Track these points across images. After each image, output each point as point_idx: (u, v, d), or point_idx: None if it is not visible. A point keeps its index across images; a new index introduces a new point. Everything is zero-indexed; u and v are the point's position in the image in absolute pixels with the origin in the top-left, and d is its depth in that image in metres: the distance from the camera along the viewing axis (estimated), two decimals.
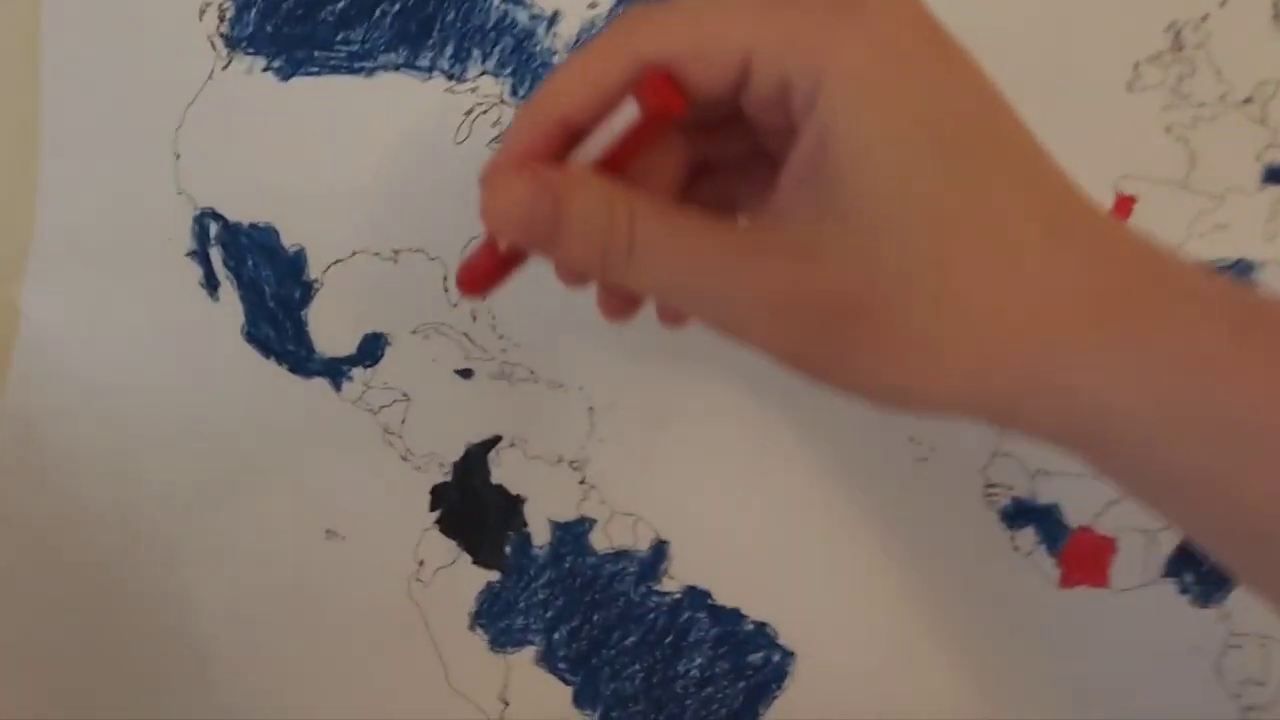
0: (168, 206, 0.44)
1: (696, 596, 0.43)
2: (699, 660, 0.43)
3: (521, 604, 0.44)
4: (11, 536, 0.45)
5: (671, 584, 0.43)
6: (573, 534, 0.43)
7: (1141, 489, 0.24)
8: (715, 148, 0.28)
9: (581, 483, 0.43)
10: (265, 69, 0.44)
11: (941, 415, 0.24)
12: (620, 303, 0.31)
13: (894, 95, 0.22)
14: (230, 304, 0.44)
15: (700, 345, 0.40)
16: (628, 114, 0.24)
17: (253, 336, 0.44)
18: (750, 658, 0.43)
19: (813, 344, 0.24)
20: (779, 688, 0.43)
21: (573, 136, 0.26)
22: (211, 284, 0.44)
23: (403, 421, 0.44)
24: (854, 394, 0.25)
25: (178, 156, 0.44)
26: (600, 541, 0.43)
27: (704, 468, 0.43)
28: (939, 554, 0.42)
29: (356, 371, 0.44)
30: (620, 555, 0.43)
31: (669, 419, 0.43)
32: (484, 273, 0.30)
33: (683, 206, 0.25)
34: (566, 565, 0.44)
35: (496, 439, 0.44)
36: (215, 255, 0.44)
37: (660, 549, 0.43)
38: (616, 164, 0.25)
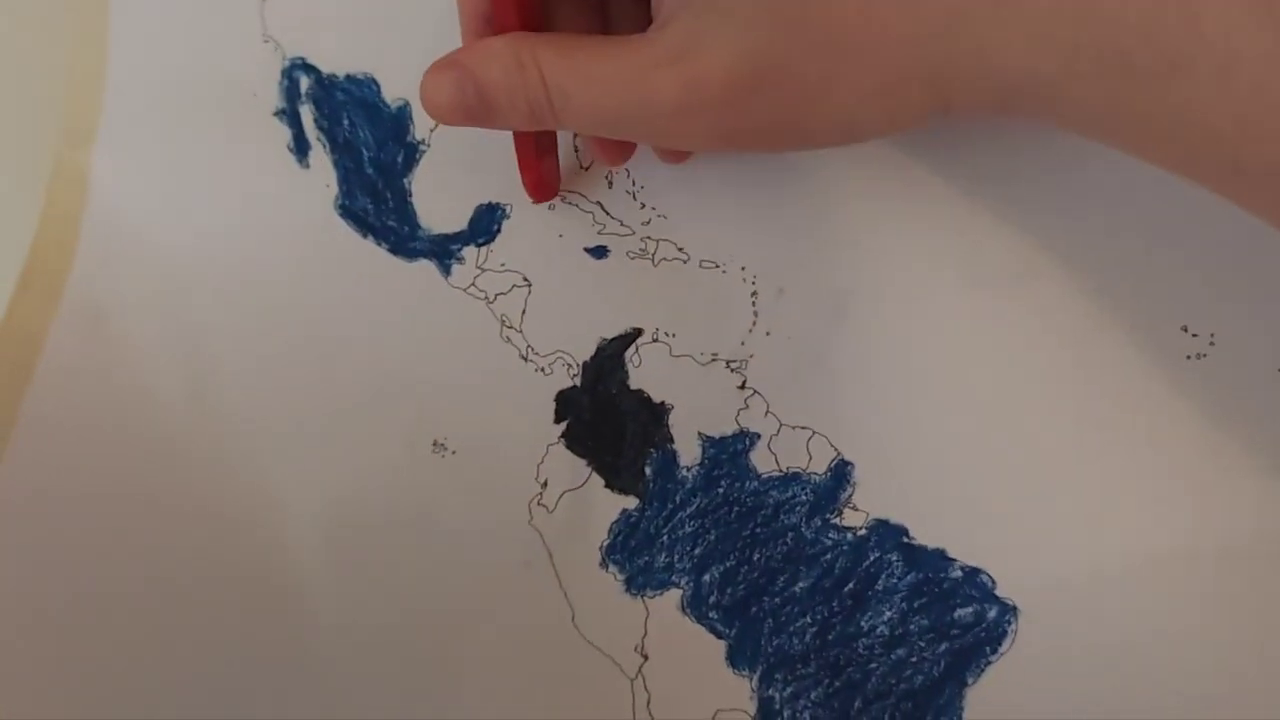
0: (253, 57, 0.37)
1: (888, 533, 0.34)
2: (888, 614, 0.34)
3: (665, 538, 0.35)
4: (77, 444, 0.38)
5: (855, 517, 0.34)
6: (730, 452, 0.35)
7: (1103, 132, 0.25)
8: None
9: (742, 387, 0.35)
10: None
11: (892, 130, 0.26)
12: (598, 146, 0.34)
13: None
14: (322, 171, 0.37)
15: (889, 210, 0.31)
16: None
17: (347, 209, 0.37)
18: (957, 613, 0.33)
19: (734, 125, 0.26)
20: (994, 652, 0.33)
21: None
22: (301, 148, 0.37)
23: (523, 312, 0.36)
24: (811, 146, 0.30)
25: None
26: (764, 462, 0.34)
27: (899, 368, 0.33)
28: (1219, 486, 0.31)
29: (468, 251, 0.36)
30: (790, 479, 0.34)
31: (852, 306, 0.33)
32: (535, 170, 0.34)
33: (588, 40, 0.27)
34: (721, 491, 0.35)
35: (637, 333, 0.35)
36: (306, 114, 0.37)
37: (842, 472, 0.34)
38: (530, 21, 0.28)
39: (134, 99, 0.39)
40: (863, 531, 0.34)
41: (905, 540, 0.34)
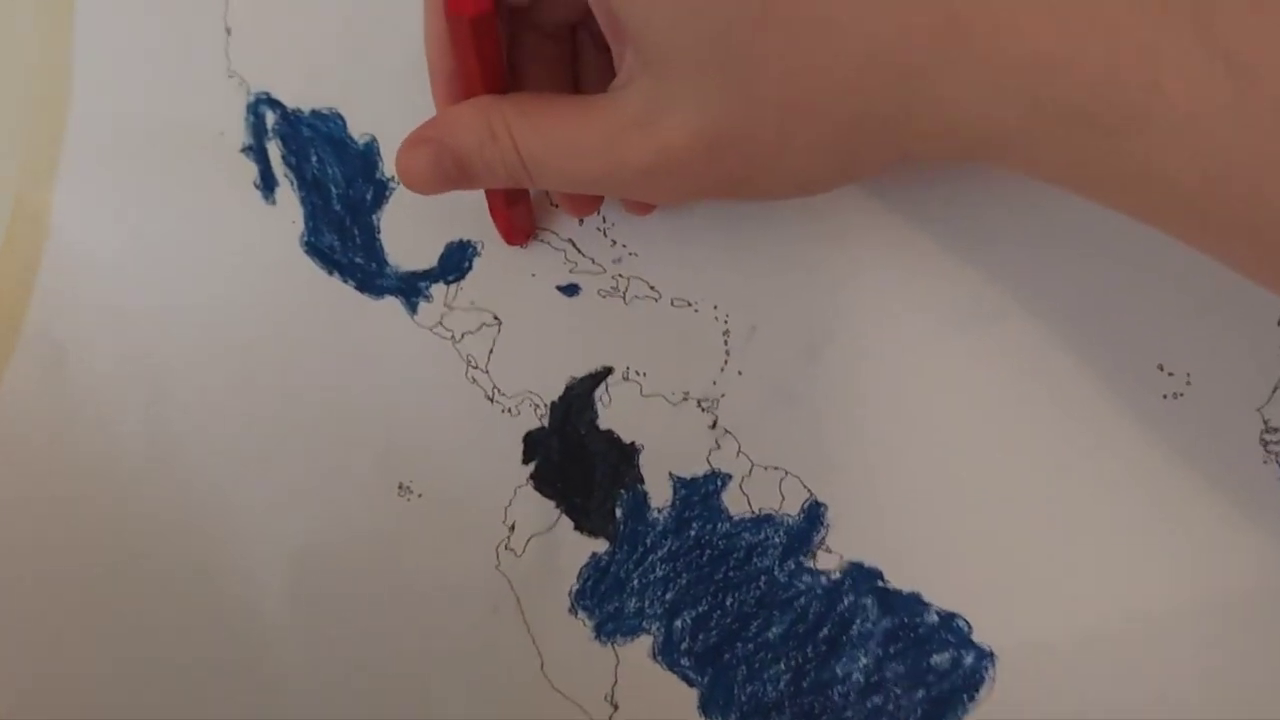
0: (218, 92, 0.37)
1: (862, 577, 0.33)
2: (864, 660, 0.33)
3: (635, 582, 0.35)
4: (33, 485, 0.37)
5: (829, 560, 0.33)
6: (701, 493, 0.34)
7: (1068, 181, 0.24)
8: (586, 34, 0.31)
9: (713, 427, 0.34)
10: None
11: (846, 181, 0.28)
12: (566, 199, 0.34)
13: None
14: (288, 208, 0.36)
15: (862, 248, 0.31)
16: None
17: (314, 246, 0.36)
18: (934, 659, 0.33)
19: (698, 184, 0.27)
20: (971, 699, 0.32)
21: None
22: (268, 184, 0.36)
23: (491, 351, 0.35)
24: (770, 199, 0.32)
25: (229, 31, 0.36)
26: (737, 503, 0.34)
27: (872, 408, 0.33)
28: (1196, 524, 0.31)
29: (436, 289, 0.36)
30: (762, 521, 0.34)
31: (825, 345, 0.33)
32: (506, 217, 0.34)
33: (555, 103, 0.27)
34: (693, 533, 0.34)
35: (606, 371, 0.35)
36: (273, 150, 0.36)
37: (815, 514, 0.33)
38: (495, 78, 0.28)
39: (96, 136, 0.38)
40: (837, 575, 0.34)
41: (880, 584, 0.33)
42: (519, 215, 0.34)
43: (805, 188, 0.28)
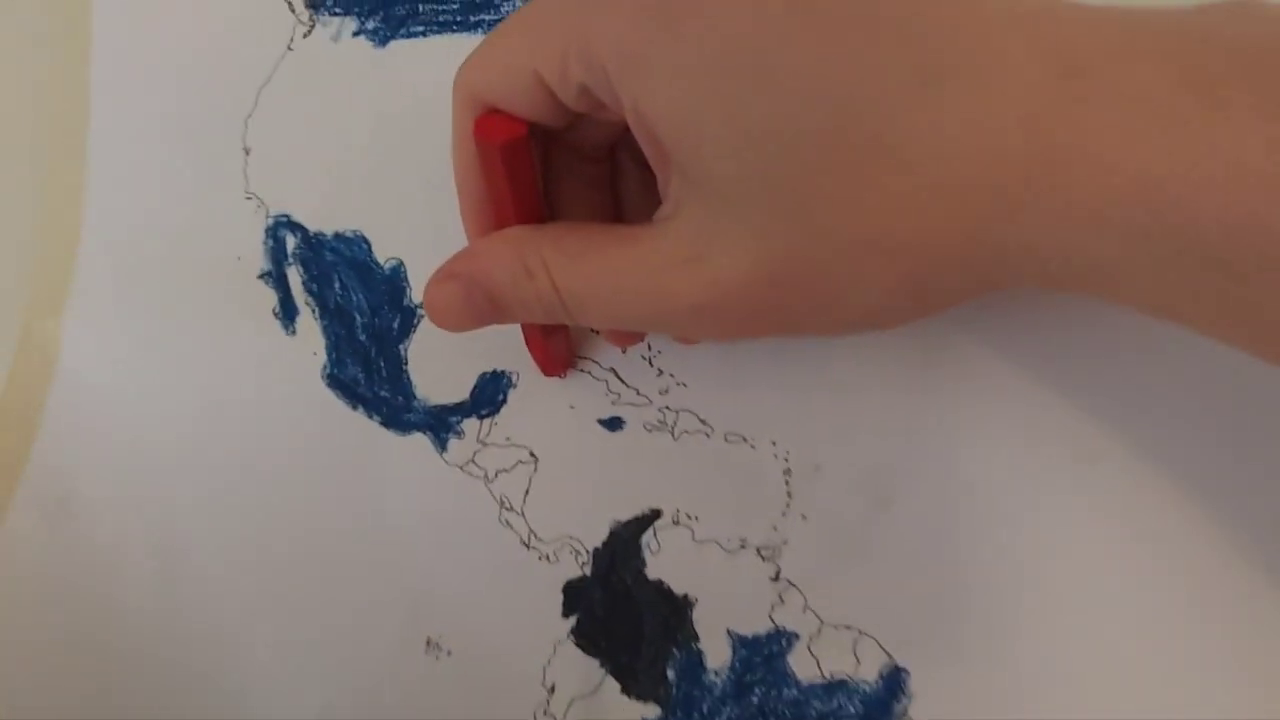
0: (235, 215, 0.34)
1: None
2: None
3: None
4: (30, 649, 0.34)
5: None
6: (764, 654, 0.30)
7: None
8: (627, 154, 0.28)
9: (775, 579, 0.30)
10: (357, 32, 0.34)
11: (923, 317, 0.24)
12: (610, 332, 0.32)
13: (663, 48, 0.22)
14: (310, 338, 0.34)
15: (940, 377, 0.27)
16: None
17: (337, 379, 0.33)
18: None
19: (752, 322, 0.24)
20: None
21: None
22: (288, 313, 0.34)
23: (527, 492, 0.32)
24: (833, 336, 0.29)
25: (247, 152, 0.34)
26: (805, 667, 0.30)
27: (955, 559, 0.29)
28: None
29: (468, 424, 0.33)
30: (835, 688, 0.30)
31: (898, 487, 0.29)
32: (543, 349, 0.31)
33: (595, 236, 0.25)
34: (755, 700, 0.30)
35: (655, 515, 0.31)
36: (293, 276, 0.34)
37: (896, 681, 0.29)
38: (530, 206, 0.26)
39: (108, 262, 0.36)
40: None
41: None
42: (557, 345, 0.31)
43: (874, 324, 0.25)
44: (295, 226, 0.35)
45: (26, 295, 0.36)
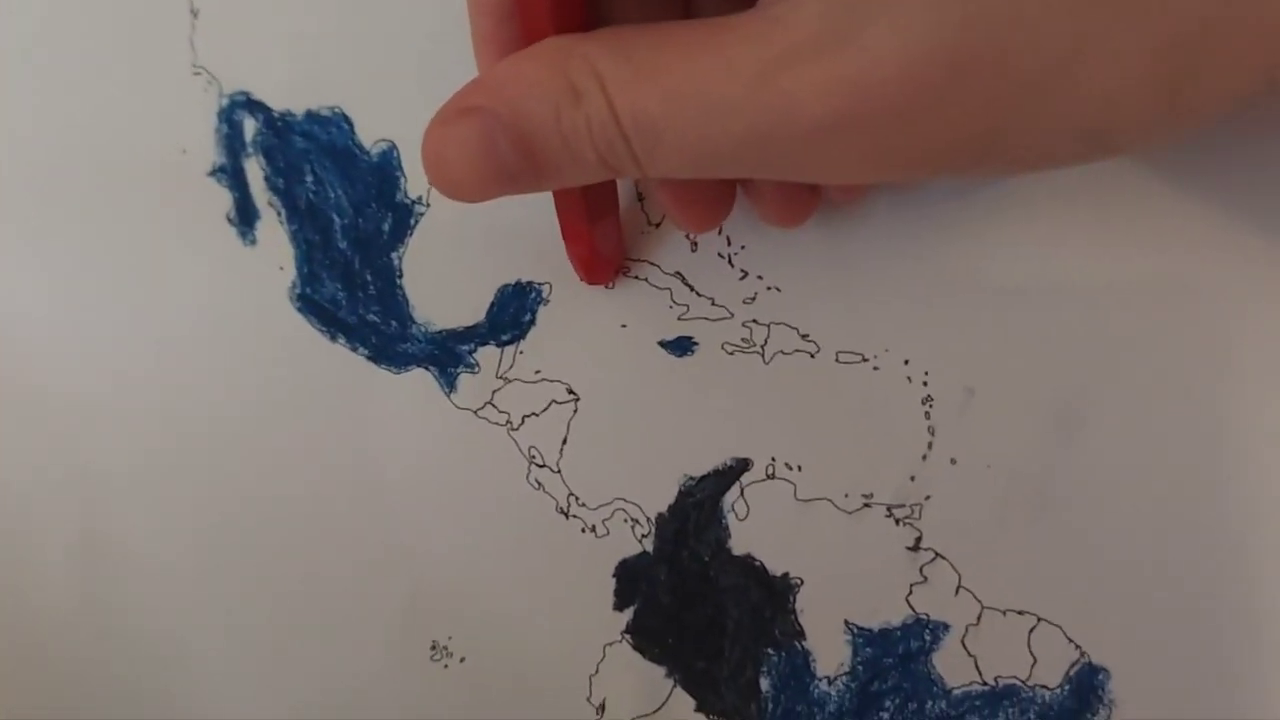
0: (178, 96, 0.26)
1: None
2: None
3: None
4: None
5: None
6: (899, 653, 0.22)
7: None
8: None
9: (915, 548, 0.22)
10: None
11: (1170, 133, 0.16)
12: (681, 207, 0.22)
13: None
14: (274, 248, 0.26)
15: (1137, 265, 0.19)
16: None
17: (310, 301, 0.25)
18: None
19: (910, 145, 0.17)
20: None
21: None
22: (246, 217, 0.26)
23: (564, 442, 0.24)
24: (1030, 168, 0.19)
25: (195, 14, 0.26)
26: (958, 669, 0.21)
27: (1169, 513, 0.20)
28: None
29: (485, 354, 0.24)
30: (1001, 696, 0.21)
31: (1085, 412, 0.21)
32: (588, 240, 0.23)
33: (664, 34, 0.17)
34: (885, 715, 0.22)
35: (741, 467, 0.23)
36: (253, 170, 0.26)
37: (1089, 684, 0.21)
38: (569, 11, 0.18)
39: (15, 167, 0.27)
40: None
41: None
42: (604, 236, 0.23)
43: (1099, 142, 0.17)
44: (256, 106, 0.26)
45: None
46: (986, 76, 0.16)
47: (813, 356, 0.23)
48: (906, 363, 0.23)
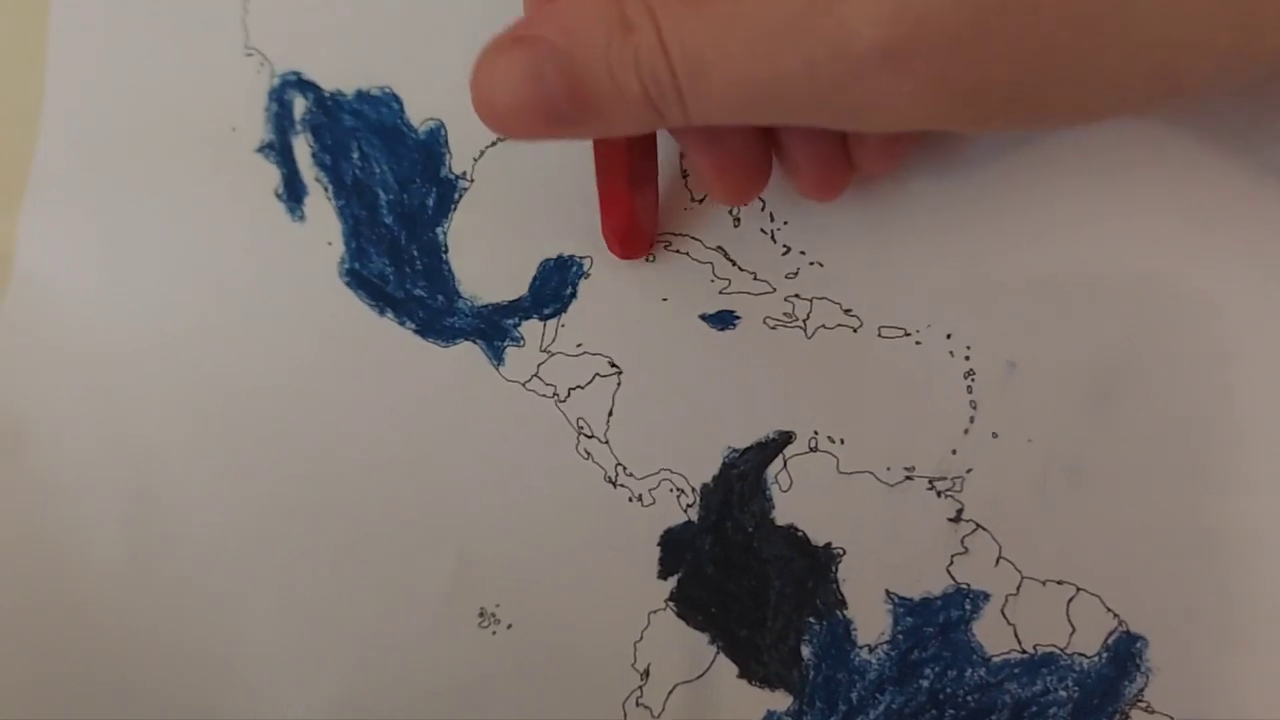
0: (231, 75, 0.27)
1: None
2: None
3: None
4: None
5: None
6: (939, 622, 0.22)
7: None
8: None
9: (956, 519, 0.22)
10: None
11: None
12: (719, 172, 0.21)
13: None
14: (322, 224, 0.26)
15: (1185, 224, 0.19)
16: None
17: (358, 276, 0.26)
18: None
19: (970, 82, 0.16)
20: None
21: None
22: (294, 193, 0.26)
23: (610, 414, 0.24)
24: (1083, 117, 0.18)
25: None
26: (997, 638, 0.22)
27: (1209, 485, 0.21)
28: None
29: (529, 328, 0.25)
30: (1039, 665, 0.22)
31: (1123, 387, 0.21)
32: (627, 211, 0.23)
33: None
34: (925, 684, 0.22)
35: (784, 439, 0.23)
36: (301, 147, 0.26)
37: (1127, 653, 0.21)
38: None
39: (73, 142, 0.28)
40: None
41: None
42: (643, 206, 0.23)
43: (1169, 81, 0.17)
44: (307, 86, 0.27)
45: None
46: (1048, 8, 0.16)
47: (855, 331, 0.24)
48: (949, 337, 0.23)
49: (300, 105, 0.27)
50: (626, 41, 0.17)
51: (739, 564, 0.24)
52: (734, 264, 0.24)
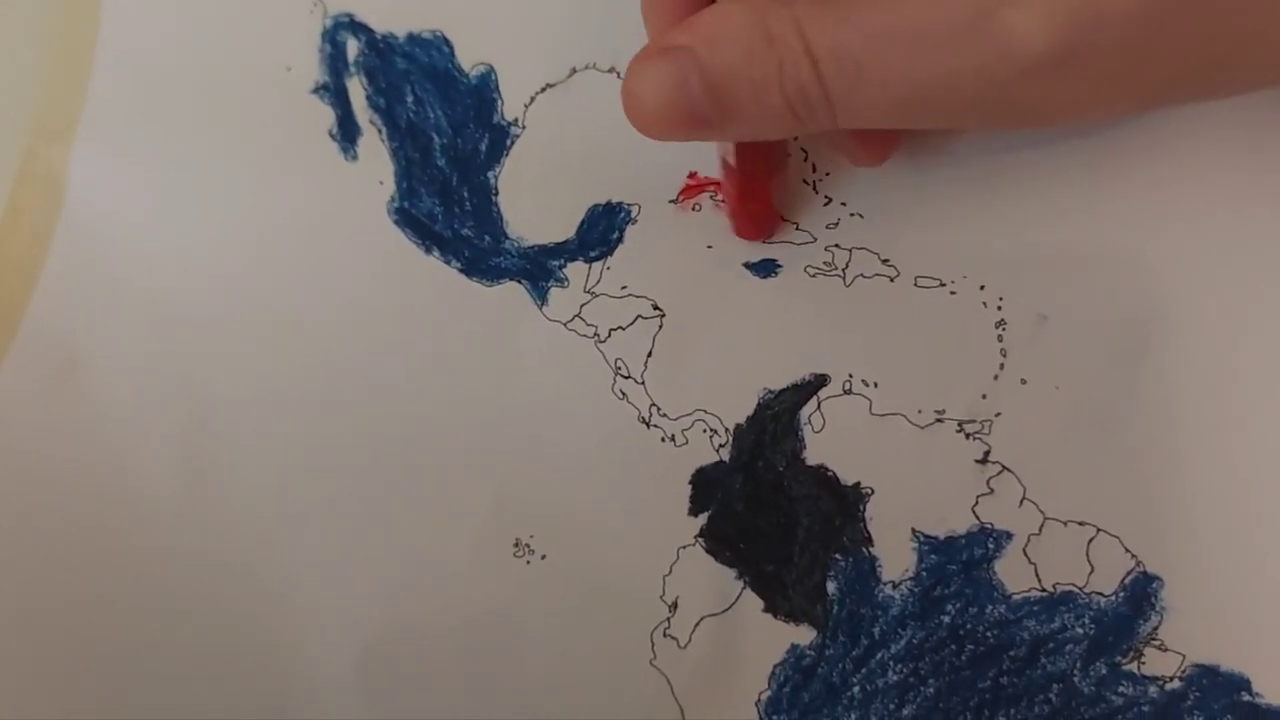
0: (285, 16, 0.28)
1: (1216, 687, 0.22)
2: None
3: (856, 690, 0.24)
4: (35, 534, 0.27)
5: (1164, 662, 0.22)
6: (962, 560, 0.23)
7: None
8: None
9: (983, 461, 0.23)
10: None
11: None
12: (862, 141, 0.22)
13: None
14: (375, 164, 0.27)
15: (1217, 194, 0.20)
16: None
17: (407, 214, 0.27)
18: None
19: (1143, 71, 0.16)
20: None
21: None
22: (348, 133, 0.27)
23: (649, 355, 0.25)
24: (1255, 84, 0.18)
25: None
26: (1018, 576, 0.23)
27: (1226, 435, 0.22)
28: None
29: (574, 270, 0.26)
30: (1058, 603, 0.23)
31: (1153, 340, 0.22)
32: (764, 198, 0.24)
33: None
34: (947, 619, 0.23)
35: (819, 382, 0.24)
36: (355, 89, 0.27)
37: (1143, 592, 0.22)
38: None
39: (128, 76, 0.29)
40: (1176, 684, 0.22)
41: (1244, 697, 0.22)
42: (779, 191, 0.24)
43: None
44: (359, 28, 0.28)
45: (29, 117, 0.29)
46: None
47: (892, 281, 0.24)
48: (982, 288, 0.24)
49: (354, 47, 0.28)
50: (770, 53, 0.18)
51: (768, 502, 0.25)
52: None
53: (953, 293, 0.24)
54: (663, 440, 0.26)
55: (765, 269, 0.25)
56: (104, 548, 0.28)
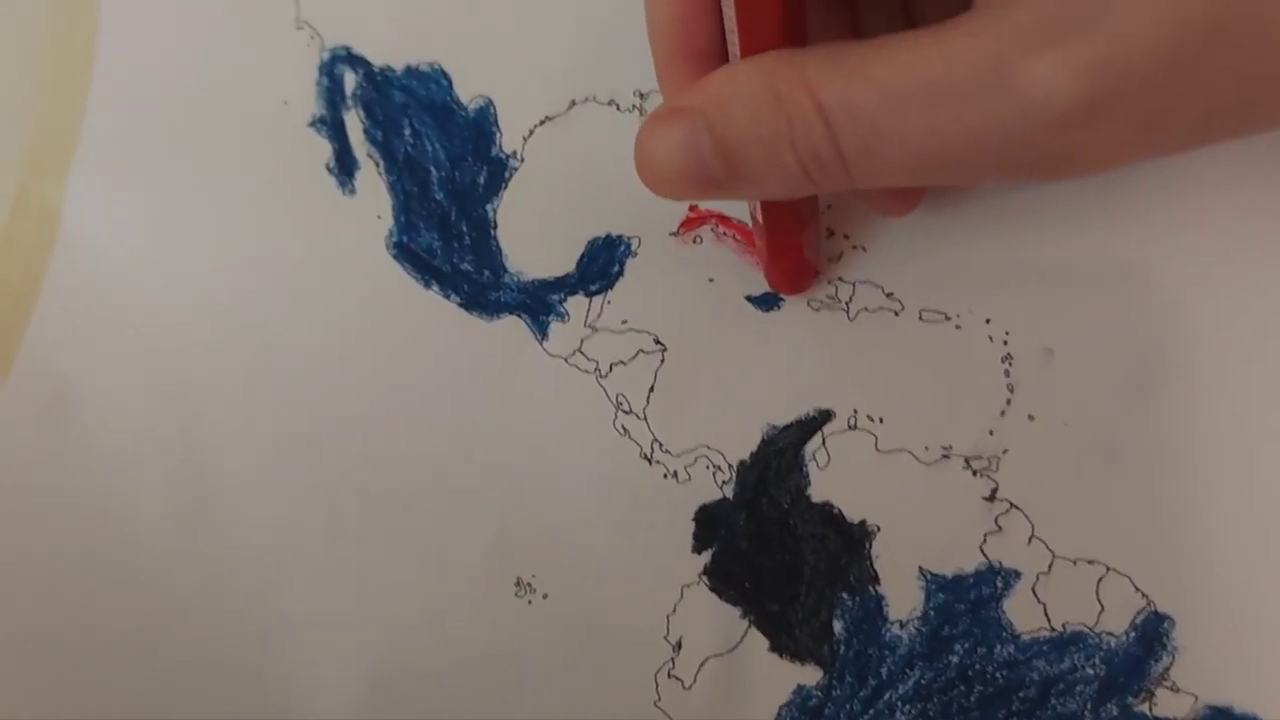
0: (282, 50, 0.27)
1: None
2: None
3: None
4: (25, 572, 0.27)
5: (1177, 703, 0.22)
6: (970, 599, 0.23)
7: None
8: None
9: (990, 499, 0.23)
10: None
11: None
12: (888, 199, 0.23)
13: None
14: (373, 198, 0.27)
15: (1223, 219, 0.20)
16: None
17: (406, 249, 0.26)
18: None
19: (1162, 120, 0.16)
20: None
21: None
22: (346, 167, 0.27)
23: (651, 390, 0.25)
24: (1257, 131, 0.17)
25: None
26: (1027, 615, 0.22)
27: (1237, 473, 0.22)
28: None
29: (574, 304, 0.25)
30: (1069, 643, 0.22)
31: (1161, 374, 0.22)
32: (796, 253, 0.23)
33: (885, 42, 0.17)
34: (955, 660, 0.23)
35: (823, 418, 0.24)
36: (352, 122, 0.27)
37: (1154, 632, 0.22)
38: (772, 35, 0.18)
39: (123, 111, 0.29)
40: None
41: None
42: (810, 245, 0.23)
43: None
44: (357, 61, 0.27)
45: (24, 150, 0.29)
46: (1246, 36, 0.15)
47: (896, 315, 0.24)
48: (988, 322, 0.24)
49: (350, 80, 0.28)
50: (778, 112, 0.18)
51: (773, 540, 0.25)
52: None
53: (958, 327, 0.24)
54: (665, 477, 0.25)
55: (768, 302, 0.25)
56: (96, 589, 0.28)
